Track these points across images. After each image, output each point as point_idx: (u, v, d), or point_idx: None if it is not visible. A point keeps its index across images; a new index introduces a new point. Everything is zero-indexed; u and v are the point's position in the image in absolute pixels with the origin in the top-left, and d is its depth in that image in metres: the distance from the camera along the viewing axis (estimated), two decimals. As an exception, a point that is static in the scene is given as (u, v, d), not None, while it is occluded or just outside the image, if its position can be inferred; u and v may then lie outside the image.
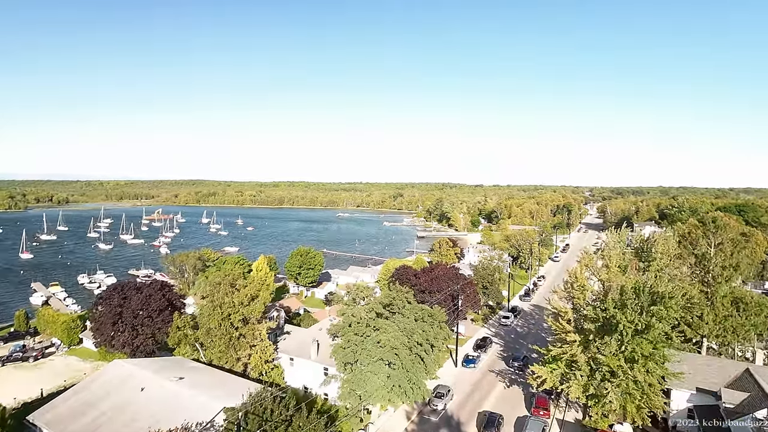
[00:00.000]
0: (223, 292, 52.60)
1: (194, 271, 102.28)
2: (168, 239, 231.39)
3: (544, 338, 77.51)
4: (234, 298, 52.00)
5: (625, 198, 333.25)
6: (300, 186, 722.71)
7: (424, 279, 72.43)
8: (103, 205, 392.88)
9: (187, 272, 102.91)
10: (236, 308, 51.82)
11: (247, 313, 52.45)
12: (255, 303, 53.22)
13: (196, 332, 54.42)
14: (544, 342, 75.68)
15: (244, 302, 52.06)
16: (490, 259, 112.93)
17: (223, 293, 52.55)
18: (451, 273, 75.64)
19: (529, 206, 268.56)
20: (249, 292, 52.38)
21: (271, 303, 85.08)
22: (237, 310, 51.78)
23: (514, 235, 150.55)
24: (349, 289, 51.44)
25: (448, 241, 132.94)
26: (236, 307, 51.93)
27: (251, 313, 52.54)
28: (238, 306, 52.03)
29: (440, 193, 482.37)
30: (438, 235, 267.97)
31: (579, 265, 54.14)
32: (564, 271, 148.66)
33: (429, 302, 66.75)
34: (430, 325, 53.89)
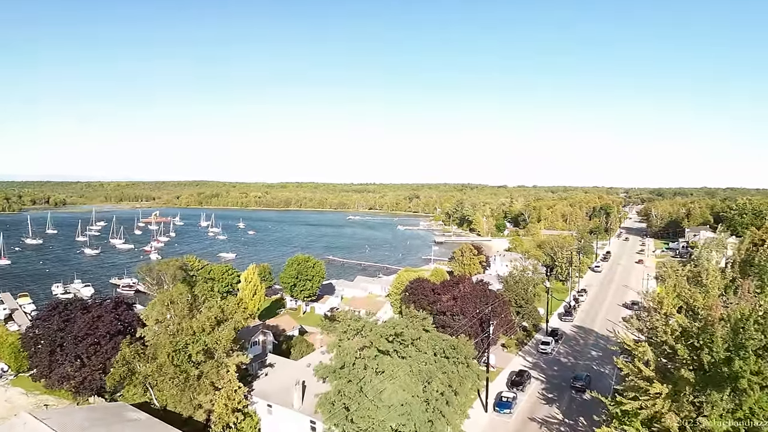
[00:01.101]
0: (178, 314, 42.49)
1: (174, 282, 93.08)
2: (161, 244, 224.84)
3: (598, 372, 65.60)
4: (192, 323, 41.81)
5: (669, 199, 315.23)
6: (308, 187, 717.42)
7: (445, 298, 61.23)
8: (95, 207, 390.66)
9: (166, 283, 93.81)
10: (196, 337, 41.63)
11: (210, 343, 42.22)
12: (222, 329, 42.97)
13: (148, 366, 44.37)
14: (598, 378, 64.17)
15: (205, 328, 41.79)
16: (522, 269, 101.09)
17: (179, 316, 42.44)
18: (479, 290, 64.27)
19: (562, 208, 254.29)
20: (212, 315, 42.08)
21: (259, 323, 75.05)
22: (196, 339, 41.59)
23: (548, 242, 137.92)
24: (342, 316, 40.67)
25: (472, 248, 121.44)
26: (196, 335, 41.75)
27: (216, 343, 42.28)
28: (198, 334, 41.83)
29: (460, 194, 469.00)
30: (458, 240, 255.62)
31: (664, 285, 42.06)
32: (608, 284, 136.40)
33: (451, 329, 55.63)
34: (453, 363, 42.89)
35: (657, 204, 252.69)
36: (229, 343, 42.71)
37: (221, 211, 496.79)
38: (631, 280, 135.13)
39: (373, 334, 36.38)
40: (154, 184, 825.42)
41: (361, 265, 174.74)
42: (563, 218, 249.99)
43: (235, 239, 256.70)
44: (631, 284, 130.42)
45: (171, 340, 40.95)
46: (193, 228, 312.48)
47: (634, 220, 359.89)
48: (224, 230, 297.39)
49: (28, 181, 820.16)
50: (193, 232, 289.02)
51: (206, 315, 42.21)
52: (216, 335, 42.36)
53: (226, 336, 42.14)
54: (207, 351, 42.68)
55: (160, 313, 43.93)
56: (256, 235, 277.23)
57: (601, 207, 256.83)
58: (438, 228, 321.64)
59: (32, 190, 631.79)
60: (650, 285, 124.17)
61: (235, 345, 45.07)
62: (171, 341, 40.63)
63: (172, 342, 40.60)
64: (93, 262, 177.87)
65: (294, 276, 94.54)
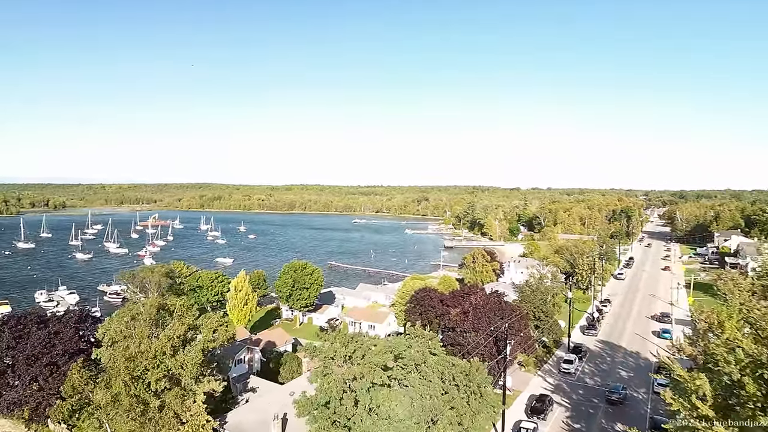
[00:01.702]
0: (139, 333, 36.95)
1: (158, 290, 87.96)
2: (157, 248, 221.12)
3: (629, 396, 58.93)
4: (152, 344, 36.21)
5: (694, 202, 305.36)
6: (314, 189, 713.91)
7: (454, 312, 55.13)
8: (92, 210, 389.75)
9: (150, 292, 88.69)
10: (156, 360, 36.02)
11: (174, 368, 36.58)
12: (189, 350, 37.33)
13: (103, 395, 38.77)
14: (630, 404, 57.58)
15: (166, 351, 36.16)
16: (540, 277, 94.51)
17: (139, 336, 36.90)
18: (493, 302, 58.06)
19: (579, 211, 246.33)
20: (175, 335, 36.44)
21: (247, 337, 69.48)
22: (157, 363, 35.97)
23: (566, 247, 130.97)
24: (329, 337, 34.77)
25: (484, 254, 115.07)
26: (156, 358, 36.14)
27: (181, 367, 36.62)
28: (159, 357, 36.22)
29: (471, 196, 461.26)
30: (469, 245, 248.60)
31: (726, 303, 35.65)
32: (633, 293, 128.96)
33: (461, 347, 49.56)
34: (464, 393, 36.85)
35: (682, 207, 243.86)
36: (196, 368, 36.98)
37: (223, 214, 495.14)
38: (658, 289, 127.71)
39: (367, 361, 30.40)
40: (156, 186, 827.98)
41: (366, 271, 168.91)
42: (581, 221, 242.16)
43: (234, 243, 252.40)
44: (658, 293, 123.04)
45: (127, 364, 35.35)
46: (193, 231, 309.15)
47: (656, 223, 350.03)
48: (224, 234, 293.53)
49: (29, 184, 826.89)
50: (192, 236, 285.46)
51: (167, 335, 36.52)
52: (180, 358, 36.68)
53: (192, 359, 36.42)
54: (171, 377, 37.03)
55: (117, 332, 38.35)
56: (257, 239, 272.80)
57: (621, 210, 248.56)
58: (448, 232, 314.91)
59: (32, 193, 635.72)
60: (680, 294, 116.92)
61: (206, 368, 39.36)
62: (127, 366, 35.01)
63: (128, 367, 34.98)
64: (84, 267, 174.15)
65: (290, 284, 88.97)
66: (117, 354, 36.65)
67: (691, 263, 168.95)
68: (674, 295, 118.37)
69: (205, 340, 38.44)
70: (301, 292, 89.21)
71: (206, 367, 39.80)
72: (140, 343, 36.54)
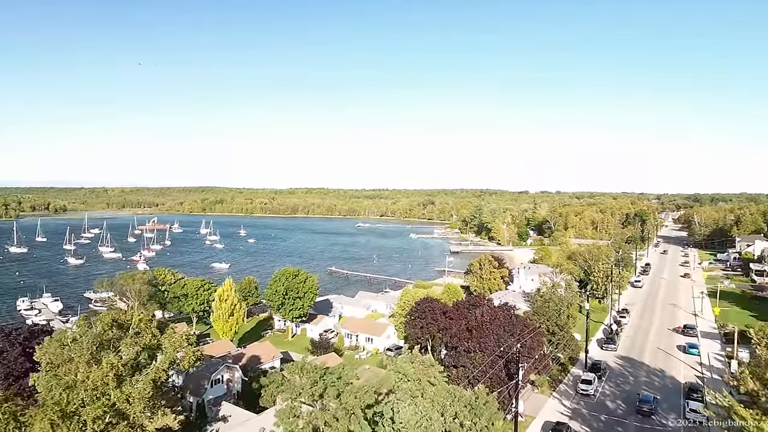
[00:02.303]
0: (77, 358, 31.10)
1: (140, 299, 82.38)
2: (152, 253, 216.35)
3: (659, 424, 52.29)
4: (93, 372, 30.33)
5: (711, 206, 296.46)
6: (318, 193, 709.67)
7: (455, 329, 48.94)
8: (89, 214, 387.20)
9: (131, 300, 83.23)
10: (97, 392, 30.09)
11: (119, 402, 30.64)
12: (138, 380, 31.39)
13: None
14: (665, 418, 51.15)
15: (108, 380, 30.25)
16: (552, 285, 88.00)
17: (78, 361, 31.04)
18: (502, 316, 51.74)
19: (591, 215, 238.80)
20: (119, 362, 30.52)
21: (229, 352, 63.50)
22: (98, 395, 30.05)
23: (580, 252, 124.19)
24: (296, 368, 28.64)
25: (492, 260, 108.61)
26: (98, 389, 30.23)
27: (129, 401, 30.68)
28: (100, 388, 30.30)
29: (478, 200, 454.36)
30: (476, 250, 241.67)
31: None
32: (652, 302, 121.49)
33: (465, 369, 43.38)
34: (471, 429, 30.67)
35: (699, 210, 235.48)
36: (143, 402, 30.98)
37: (225, 217, 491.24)
38: (679, 298, 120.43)
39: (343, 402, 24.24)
40: (159, 190, 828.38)
41: (367, 277, 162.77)
42: (593, 226, 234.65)
43: (233, 248, 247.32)
44: (679, 303, 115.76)
45: (59, 399, 29.45)
46: (192, 236, 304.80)
47: (671, 228, 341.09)
48: (223, 238, 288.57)
49: (31, 187, 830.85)
50: (190, 240, 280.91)
51: (111, 361, 30.57)
52: (127, 390, 30.74)
53: (139, 393, 30.45)
54: (118, 412, 31.08)
55: (56, 355, 32.50)
56: (257, 244, 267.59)
57: (635, 213, 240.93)
58: (454, 236, 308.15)
59: (33, 197, 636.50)
60: (704, 304, 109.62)
61: (160, 401, 33.36)
62: (57, 402, 29.11)
63: (59, 402, 29.07)
64: (74, 273, 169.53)
65: (281, 293, 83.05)
66: (53, 383, 30.78)
67: (712, 270, 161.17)
68: (697, 304, 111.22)
69: (158, 368, 32.42)
70: (293, 302, 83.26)
71: (161, 397, 33.80)
72: (77, 371, 30.64)
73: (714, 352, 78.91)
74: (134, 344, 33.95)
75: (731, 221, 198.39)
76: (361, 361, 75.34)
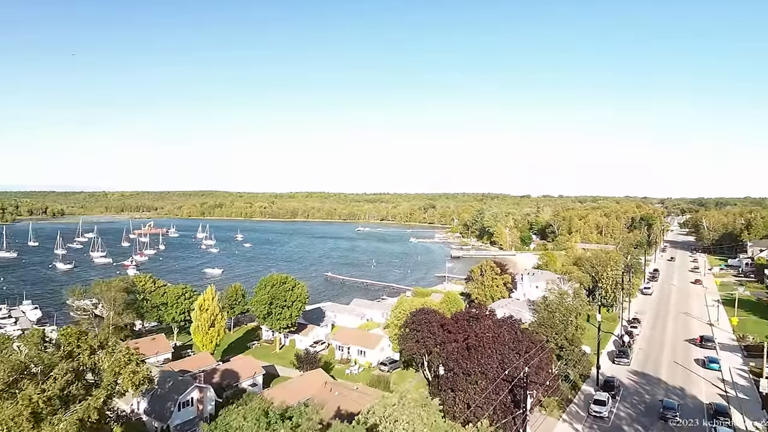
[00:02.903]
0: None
1: (114, 308, 76.54)
2: (144, 258, 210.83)
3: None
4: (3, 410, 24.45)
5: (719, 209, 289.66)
6: (318, 197, 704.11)
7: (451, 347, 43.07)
8: (84, 218, 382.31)
9: (105, 310, 77.42)
10: None
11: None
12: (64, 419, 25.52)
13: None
14: None
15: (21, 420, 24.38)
16: (560, 294, 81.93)
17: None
18: (506, 333, 45.79)
19: (596, 218, 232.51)
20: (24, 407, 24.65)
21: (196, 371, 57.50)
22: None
23: (587, 258, 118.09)
24: (236, 415, 22.72)
25: (494, 266, 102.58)
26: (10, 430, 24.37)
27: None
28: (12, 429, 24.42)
29: (480, 204, 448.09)
30: (478, 255, 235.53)
31: None
32: (664, 311, 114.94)
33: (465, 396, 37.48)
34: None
35: (707, 214, 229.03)
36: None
37: (224, 222, 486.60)
38: (692, 306, 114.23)
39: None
40: (159, 194, 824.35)
41: (365, 283, 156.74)
42: (597, 230, 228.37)
43: (228, 252, 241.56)
44: (692, 311, 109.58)
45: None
46: (188, 240, 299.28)
47: (677, 232, 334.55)
48: (220, 243, 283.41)
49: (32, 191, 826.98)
50: (185, 245, 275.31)
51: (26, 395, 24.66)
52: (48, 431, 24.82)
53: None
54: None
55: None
56: (253, 248, 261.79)
57: (641, 217, 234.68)
58: (455, 241, 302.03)
59: (31, 200, 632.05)
60: (720, 313, 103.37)
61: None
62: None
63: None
64: (61, 279, 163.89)
65: (267, 302, 77.11)
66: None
67: (724, 276, 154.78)
68: (712, 313, 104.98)
69: (89, 406, 26.48)
70: (280, 311, 77.30)
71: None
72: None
73: (736, 366, 72.69)
74: (65, 370, 28.02)
75: (741, 225, 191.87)
76: (352, 377, 69.39)
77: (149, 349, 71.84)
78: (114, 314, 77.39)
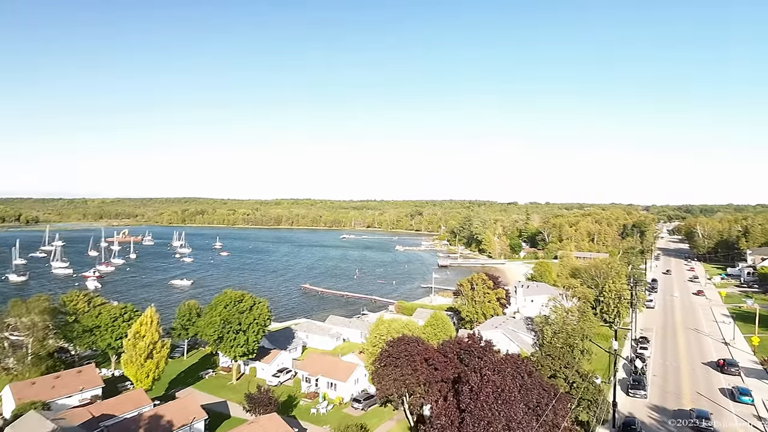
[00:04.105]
0: None
1: (34, 334, 63.10)
2: (110, 268, 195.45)
3: None
4: None
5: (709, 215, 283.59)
6: (305, 204, 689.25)
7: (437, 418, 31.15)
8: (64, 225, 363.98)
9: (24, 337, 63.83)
10: None
11: None
12: None
13: None
14: None
15: None
16: (564, 311, 70.94)
17: None
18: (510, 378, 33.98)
19: (588, 225, 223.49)
20: None
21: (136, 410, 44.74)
22: None
23: (585, 269, 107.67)
24: None
25: (485, 279, 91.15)
26: None
27: None
28: None
29: (467, 211, 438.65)
30: (466, 263, 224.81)
31: None
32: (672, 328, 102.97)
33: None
34: None
35: (702, 221, 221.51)
36: None
37: (205, 229, 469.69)
38: (700, 321, 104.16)
39: None
40: (140, 201, 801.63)
41: (344, 296, 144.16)
42: (589, 237, 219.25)
43: (203, 262, 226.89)
44: (702, 327, 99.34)
45: None
46: (162, 248, 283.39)
47: (668, 239, 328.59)
48: (197, 251, 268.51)
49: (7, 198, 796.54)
50: (158, 254, 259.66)
51: None
52: None
53: None
54: None
55: None
56: (230, 257, 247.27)
57: (633, 224, 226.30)
58: (442, 248, 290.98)
59: (5, 207, 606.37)
60: (736, 332, 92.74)
61: None
62: None
63: None
64: (9, 293, 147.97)
65: (218, 325, 64.40)
66: None
67: (726, 286, 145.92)
68: (725, 331, 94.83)
69: None
70: (234, 336, 64.64)
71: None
72: None
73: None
74: None
75: (738, 233, 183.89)
76: (318, 417, 57.00)
77: (72, 384, 58.78)
78: (35, 341, 63.94)
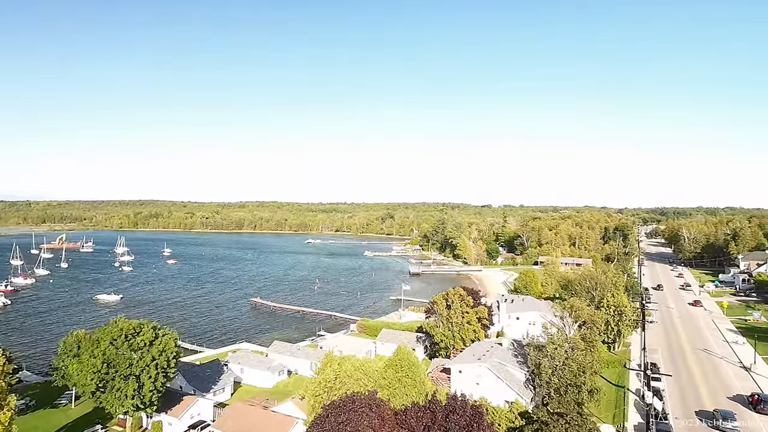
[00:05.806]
0: None
1: None
2: (29, 280, 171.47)
3: None
4: None
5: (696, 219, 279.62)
6: (270, 207, 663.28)
7: None
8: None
9: None
10: None
11: None
12: None
13: None
14: None
15: None
16: (565, 341, 56.71)
17: None
18: None
19: (568, 229, 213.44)
20: None
21: None
22: None
23: (579, 281, 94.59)
24: None
25: (464, 295, 76.28)
26: None
27: None
28: None
29: (440, 214, 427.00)
30: (440, 271, 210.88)
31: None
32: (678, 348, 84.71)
33: None
34: None
35: (688, 224, 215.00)
36: None
37: (159, 234, 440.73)
38: (706, 338, 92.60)
39: None
40: (91, 204, 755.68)
41: (301, 312, 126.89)
42: (570, 241, 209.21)
43: (144, 271, 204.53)
44: (711, 347, 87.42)
45: None
46: (103, 256, 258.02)
47: (647, 242, 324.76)
48: (140, 258, 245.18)
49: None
50: (95, 262, 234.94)
51: None
52: None
53: None
54: None
55: None
56: (177, 265, 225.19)
57: (615, 228, 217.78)
58: (414, 254, 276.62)
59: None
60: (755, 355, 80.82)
61: None
62: None
63: None
64: None
65: (98, 369, 46.84)
66: None
67: (721, 294, 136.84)
68: (740, 352, 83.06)
69: None
70: (124, 385, 47.19)
71: None
72: None
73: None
74: None
75: (726, 236, 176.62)
76: None
77: None
78: None
